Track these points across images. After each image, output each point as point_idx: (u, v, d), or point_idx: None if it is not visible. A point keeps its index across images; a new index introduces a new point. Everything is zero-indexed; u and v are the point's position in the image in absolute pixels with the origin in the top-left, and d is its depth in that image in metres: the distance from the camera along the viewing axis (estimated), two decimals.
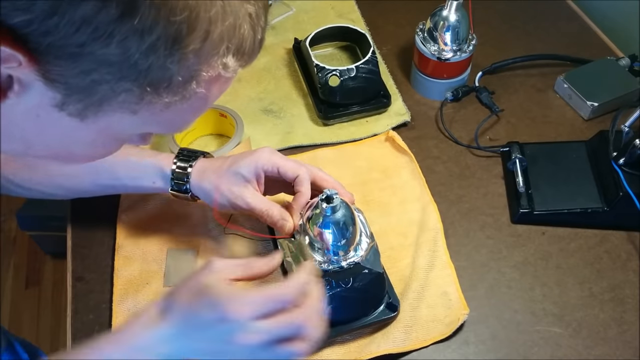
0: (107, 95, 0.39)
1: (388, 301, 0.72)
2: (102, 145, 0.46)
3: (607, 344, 0.72)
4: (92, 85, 0.38)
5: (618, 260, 0.80)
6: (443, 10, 0.92)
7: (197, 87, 0.41)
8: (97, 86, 0.38)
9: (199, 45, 0.38)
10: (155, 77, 0.38)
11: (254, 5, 0.41)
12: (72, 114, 0.40)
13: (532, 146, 0.89)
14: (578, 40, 1.09)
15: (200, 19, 0.37)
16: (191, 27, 0.37)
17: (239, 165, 0.71)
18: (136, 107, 0.41)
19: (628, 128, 0.79)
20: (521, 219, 0.83)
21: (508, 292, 0.77)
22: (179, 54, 0.38)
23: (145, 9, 0.35)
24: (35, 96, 0.38)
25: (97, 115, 0.40)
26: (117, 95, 0.39)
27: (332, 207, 0.63)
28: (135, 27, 0.35)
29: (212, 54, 0.40)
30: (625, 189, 0.78)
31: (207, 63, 0.40)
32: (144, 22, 0.35)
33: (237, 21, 0.40)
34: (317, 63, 0.93)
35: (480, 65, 1.02)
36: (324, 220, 0.64)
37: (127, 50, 0.36)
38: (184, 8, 0.36)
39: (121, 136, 0.46)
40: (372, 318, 0.71)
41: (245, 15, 0.40)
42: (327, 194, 0.63)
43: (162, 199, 0.84)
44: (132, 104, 0.40)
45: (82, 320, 0.74)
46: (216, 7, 0.38)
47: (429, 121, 0.97)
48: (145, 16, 0.35)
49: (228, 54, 0.41)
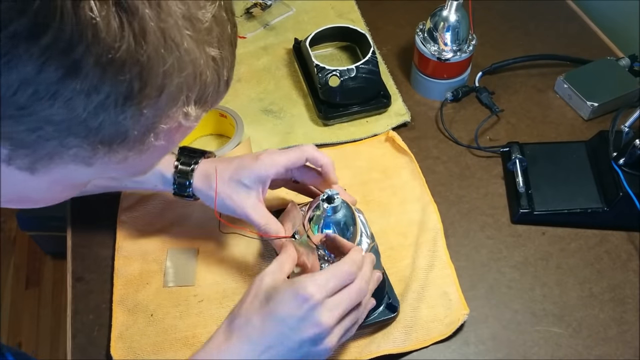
0: (57, 150, 0.36)
1: (388, 302, 0.72)
2: (61, 191, 0.43)
3: (607, 344, 0.72)
4: (39, 141, 0.35)
5: (618, 260, 0.80)
6: (443, 11, 0.92)
7: (156, 140, 0.38)
8: (44, 142, 0.35)
9: (154, 100, 0.36)
10: (107, 133, 0.36)
11: (219, 48, 0.38)
12: (21, 168, 0.37)
13: (532, 146, 0.89)
14: (578, 41, 1.09)
15: (153, 74, 0.34)
16: (143, 83, 0.34)
17: (242, 175, 0.71)
18: (90, 160, 0.37)
19: (628, 128, 0.79)
20: (521, 219, 0.83)
21: (508, 292, 0.77)
22: (132, 110, 0.35)
23: (90, 69, 0.32)
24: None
25: (48, 168, 0.37)
26: (67, 150, 0.36)
27: (333, 207, 0.63)
28: (80, 87, 0.33)
29: (171, 106, 0.37)
30: (625, 189, 0.78)
31: (165, 115, 0.37)
32: (90, 81, 0.33)
33: (197, 69, 0.37)
34: (317, 63, 0.93)
35: (480, 66, 1.02)
36: (325, 221, 0.64)
37: (74, 110, 0.33)
38: (133, 65, 0.33)
39: (79, 183, 0.44)
40: (372, 319, 0.71)
41: (208, 61, 0.38)
42: (329, 194, 0.63)
43: (162, 199, 0.84)
44: (86, 157, 0.37)
45: (82, 320, 0.74)
46: (172, 59, 0.35)
47: (429, 121, 0.97)
48: (91, 76, 0.32)
49: (189, 103, 0.38)
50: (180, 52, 0.35)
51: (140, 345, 0.71)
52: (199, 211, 0.83)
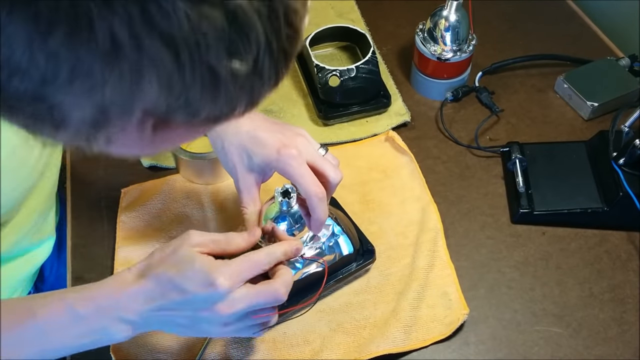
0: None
1: (366, 248, 0.76)
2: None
3: (607, 344, 0.72)
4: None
5: (618, 260, 0.80)
6: (443, 11, 0.92)
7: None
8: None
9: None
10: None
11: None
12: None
13: (532, 146, 0.89)
14: (578, 41, 1.09)
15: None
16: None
17: (254, 153, 0.67)
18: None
19: (628, 128, 0.79)
20: (521, 219, 0.83)
21: (508, 292, 0.77)
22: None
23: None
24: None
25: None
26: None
27: (287, 201, 0.66)
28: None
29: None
30: (625, 189, 0.78)
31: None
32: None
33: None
34: (317, 63, 0.93)
35: (480, 66, 1.02)
36: (280, 214, 0.68)
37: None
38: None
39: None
40: (354, 268, 0.74)
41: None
42: (286, 187, 0.67)
43: (162, 199, 0.85)
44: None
45: None
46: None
47: (429, 121, 0.97)
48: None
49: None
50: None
51: (140, 345, 0.71)
52: (198, 211, 0.83)
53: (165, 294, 0.57)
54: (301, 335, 0.72)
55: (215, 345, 0.71)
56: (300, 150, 0.66)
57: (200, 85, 0.34)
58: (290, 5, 0.35)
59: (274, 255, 0.62)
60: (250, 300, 0.58)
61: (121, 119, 0.35)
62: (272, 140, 0.67)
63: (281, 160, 0.65)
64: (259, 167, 0.67)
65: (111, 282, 0.59)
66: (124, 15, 0.30)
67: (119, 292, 0.58)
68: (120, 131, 0.36)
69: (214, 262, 0.58)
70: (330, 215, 0.73)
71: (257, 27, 0.33)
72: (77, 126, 0.35)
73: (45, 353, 0.58)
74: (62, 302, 0.58)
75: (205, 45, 0.32)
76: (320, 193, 0.64)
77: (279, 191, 0.67)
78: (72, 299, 0.58)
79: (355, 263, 0.75)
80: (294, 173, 0.65)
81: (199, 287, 0.56)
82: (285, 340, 0.72)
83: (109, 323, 0.57)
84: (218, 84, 0.34)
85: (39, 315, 0.57)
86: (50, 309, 0.58)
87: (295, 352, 0.71)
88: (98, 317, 0.57)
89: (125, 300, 0.57)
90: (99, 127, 0.35)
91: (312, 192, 0.64)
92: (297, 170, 0.65)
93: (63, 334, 0.58)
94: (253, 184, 0.69)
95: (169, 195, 0.85)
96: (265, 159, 0.66)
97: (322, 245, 0.71)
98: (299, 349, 0.71)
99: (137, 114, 0.35)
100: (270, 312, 0.62)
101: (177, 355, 0.70)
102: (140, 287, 0.57)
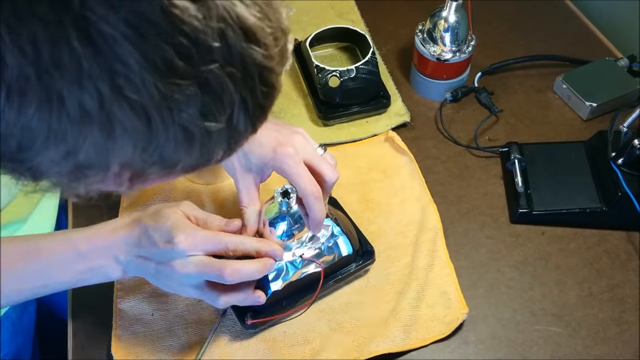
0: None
1: (366, 249, 0.76)
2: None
3: (606, 343, 0.72)
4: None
5: (617, 260, 0.80)
6: (442, 11, 0.92)
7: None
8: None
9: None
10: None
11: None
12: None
13: (531, 146, 0.89)
14: (577, 41, 1.09)
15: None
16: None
17: (253, 153, 0.67)
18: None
19: (627, 128, 0.80)
20: (520, 219, 0.83)
21: (507, 291, 0.77)
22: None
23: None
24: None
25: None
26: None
27: (287, 202, 0.67)
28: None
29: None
30: (624, 189, 0.78)
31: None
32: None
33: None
34: (317, 64, 0.93)
35: (479, 66, 1.02)
36: (280, 214, 0.69)
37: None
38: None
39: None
40: (354, 268, 0.75)
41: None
42: (286, 188, 0.67)
43: (162, 199, 0.85)
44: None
45: (82, 320, 0.74)
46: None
47: (429, 122, 0.97)
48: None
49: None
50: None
51: (141, 344, 0.71)
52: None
53: (141, 242, 0.61)
54: (301, 334, 0.72)
55: (215, 345, 0.71)
56: (297, 148, 0.66)
57: (174, 143, 0.35)
58: (264, 65, 0.36)
59: (243, 244, 0.63)
60: (199, 268, 0.60)
61: (97, 174, 0.36)
62: (269, 139, 0.67)
63: (277, 159, 0.65)
64: (257, 167, 0.68)
65: (109, 224, 0.64)
66: (93, 92, 0.32)
67: (113, 234, 0.62)
68: (98, 182, 0.38)
69: (185, 224, 0.61)
70: (330, 216, 0.73)
71: (230, 89, 0.35)
72: (56, 180, 0.37)
73: (46, 288, 0.63)
74: (66, 241, 0.62)
75: (177, 109, 0.34)
76: (316, 192, 0.65)
77: (278, 191, 0.67)
78: (76, 238, 0.62)
79: (355, 264, 0.75)
80: (290, 172, 0.65)
81: (161, 241, 0.60)
82: (285, 339, 0.72)
83: (106, 262, 0.62)
84: (192, 141, 0.36)
85: (44, 252, 0.62)
86: (55, 247, 0.62)
87: (295, 352, 0.71)
88: (97, 255, 0.62)
89: (118, 241, 0.62)
90: (77, 180, 0.37)
91: (308, 191, 0.64)
92: (293, 169, 0.65)
93: (65, 270, 0.62)
94: (252, 183, 0.69)
95: (169, 195, 0.85)
96: (262, 158, 0.67)
97: (322, 246, 0.72)
98: (299, 349, 0.71)
99: (114, 169, 0.36)
100: (234, 291, 0.64)
101: (177, 355, 0.71)
102: (128, 232, 0.62)
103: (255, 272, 0.63)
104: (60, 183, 0.38)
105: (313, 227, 0.67)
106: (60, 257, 0.62)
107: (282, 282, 0.69)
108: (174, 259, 0.60)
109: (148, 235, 0.61)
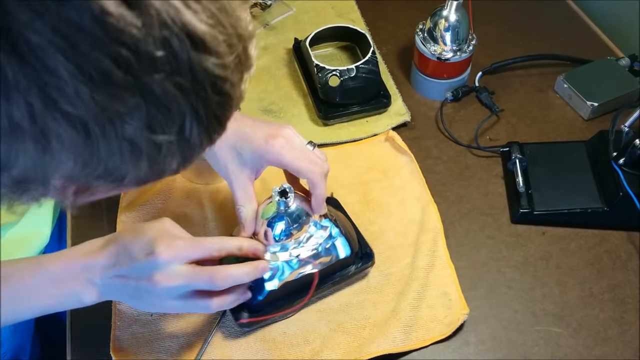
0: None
1: (365, 251, 0.75)
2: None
3: (607, 344, 0.72)
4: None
5: (618, 260, 0.80)
6: (443, 10, 0.92)
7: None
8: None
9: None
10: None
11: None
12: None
13: (532, 146, 0.89)
14: (578, 41, 1.09)
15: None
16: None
17: (244, 148, 0.67)
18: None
19: (628, 128, 0.79)
20: (521, 219, 0.83)
21: (508, 292, 0.77)
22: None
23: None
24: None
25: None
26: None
27: (285, 201, 0.66)
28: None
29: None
30: (625, 189, 0.78)
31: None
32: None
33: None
34: (317, 63, 0.93)
35: (480, 65, 1.02)
36: (277, 214, 0.68)
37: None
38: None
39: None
40: (352, 271, 0.74)
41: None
42: (284, 187, 0.67)
43: (162, 199, 0.85)
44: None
45: (81, 320, 0.74)
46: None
47: (429, 121, 0.97)
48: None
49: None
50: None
51: (140, 345, 0.71)
52: (198, 211, 0.83)
53: (119, 260, 0.59)
54: (301, 335, 0.72)
55: (215, 345, 0.71)
56: (288, 139, 0.67)
57: (119, 156, 0.34)
58: (217, 74, 0.34)
59: (226, 246, 0.62)
60: (187, 277, 0.59)
61: (39, 188, 0.35)
62: (259, 133, 0.67)
63: (271, 151, 0.66)
64: (250, 162, 0.67)
65: (83, 247, 0.62)
66: (23, 105, 0.30)
67: (87, 256, 0.60)
68: (42, 194, 0.37)
69: (164, 234, 0.59)
70: (330, 217, 0.73)
71: (178, 100, 0.33)
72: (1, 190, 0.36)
73: (17, 314, 0.61)
74: (38, 265, 0.61)
75: (120, 121, 0.32)
76: (319, 169, 0.66)
77: (276, 191, 0.67)
78: (47, 263, 0.60)
79: (354, 266, 0.75)
80: (288, 159, 0.65)
81: (141, 254, 0.58)
82: (285, 340, 0.72)
83: (79, 286, 0.59)
84: (139, 153, 0.34)
85: (14, 277, 0.59)
86: (26, 272, 0.60)
87: (295, 352, 0.71)
88: (69, 279, 0.60)
89: (91, 264, 0.60)
90: (22, 192, 0.36)
91: (313, 170, 0.65)
92: (290, 155, 0.66)
93: (37, 296, 0.60)
94: (247, 181, 0.69)
95: (169, 195, 0.85)
96: (254, 151, 0.67)
97: (319, 247, 0.71)
98: (299, 349, 0.71)
99: (55, 183, 0.35)
100: (223, 297, 0.63)
101: (177, 355, 0.70)
102: (103, 252, 0.60)
103: (246, 274, 0.63)
104: (5, 196, 0.36)
105: (316, 206, 0.68)
106: (31, 282, 0.60)
107: (278, 281, 0.69)
108: (156, 271, 0.58)
109: (127, 250, 0.59)
